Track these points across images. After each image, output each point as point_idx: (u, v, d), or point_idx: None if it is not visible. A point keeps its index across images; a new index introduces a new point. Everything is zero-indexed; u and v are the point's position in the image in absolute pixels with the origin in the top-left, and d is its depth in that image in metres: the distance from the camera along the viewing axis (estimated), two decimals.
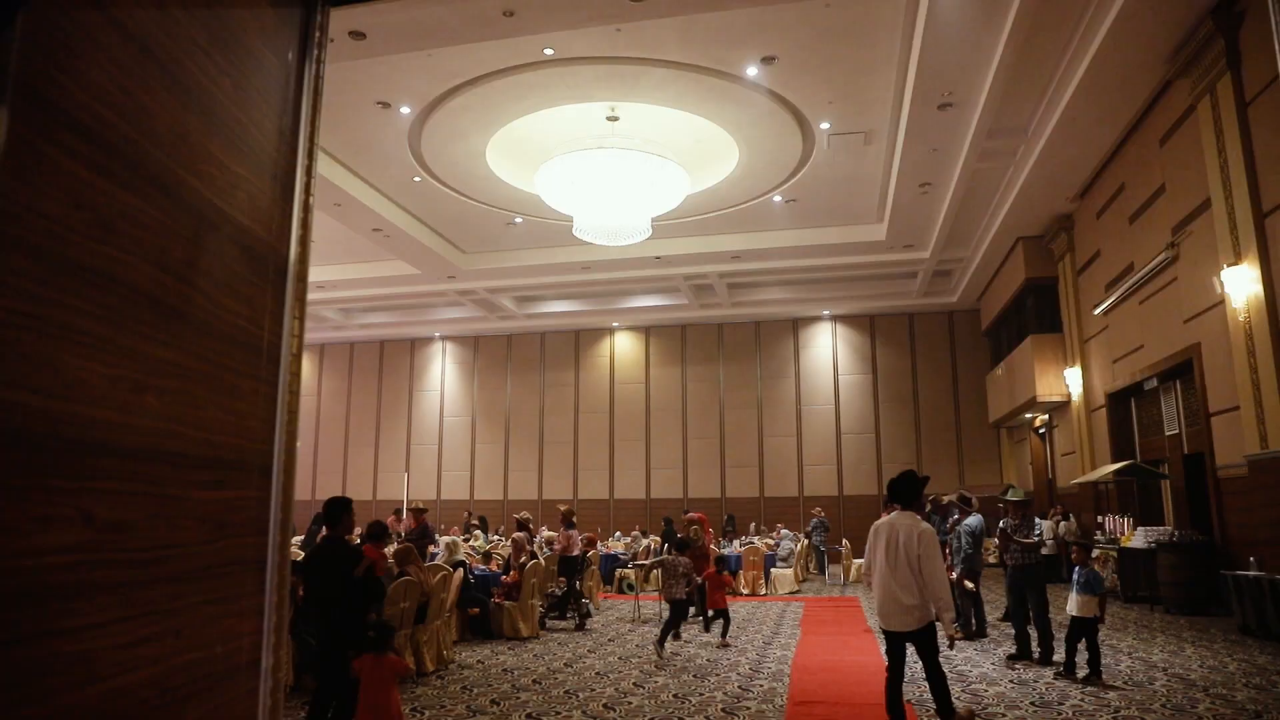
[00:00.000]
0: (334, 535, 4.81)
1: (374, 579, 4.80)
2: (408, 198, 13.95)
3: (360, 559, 4.75)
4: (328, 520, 4.81)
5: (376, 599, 5.01)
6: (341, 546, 4.80)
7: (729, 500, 19.99)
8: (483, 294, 18.52)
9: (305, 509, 21.49)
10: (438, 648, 6.98)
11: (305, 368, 23.16)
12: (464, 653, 7.97)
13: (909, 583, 4.78)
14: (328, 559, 4.70)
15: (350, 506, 4.93)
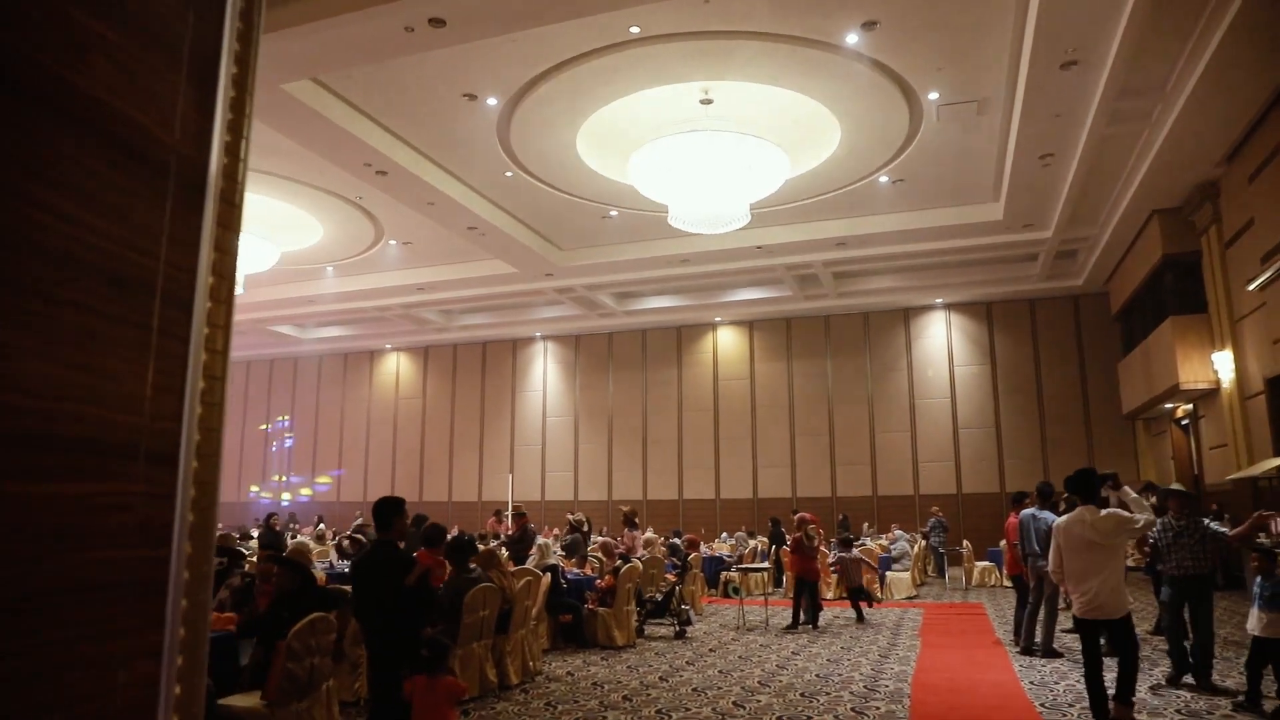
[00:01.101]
0: (385, 540, 4.43)
1: (428, 589, 4.40)
2: (501, 194, 13.74)
3: (412, 566, 4.37)
4: (377, 523, 4.44)
5: (430, 612, 4.62)
6: (392, 552, 4.41)
7: (840, 500, 19.15)
8: (581, 291, 18.25)
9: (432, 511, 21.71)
10: (523, 659, 6.60)
11: (409, 370, 23.47)
12: (554, 663, 7.59)
13: (1108, 568, 5.19)
14: (376, 566, 4.32)
15: (402, 508, 4.54)
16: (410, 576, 4.32)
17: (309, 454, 24.48)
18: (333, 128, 10.72)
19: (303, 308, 19.78)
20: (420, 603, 4.38)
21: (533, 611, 7.03)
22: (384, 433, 23.70)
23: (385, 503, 4.53)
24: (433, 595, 4.59)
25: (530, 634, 6.86)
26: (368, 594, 4.36)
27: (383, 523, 4.43)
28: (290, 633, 3.94)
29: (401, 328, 21.76)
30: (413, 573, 4.33)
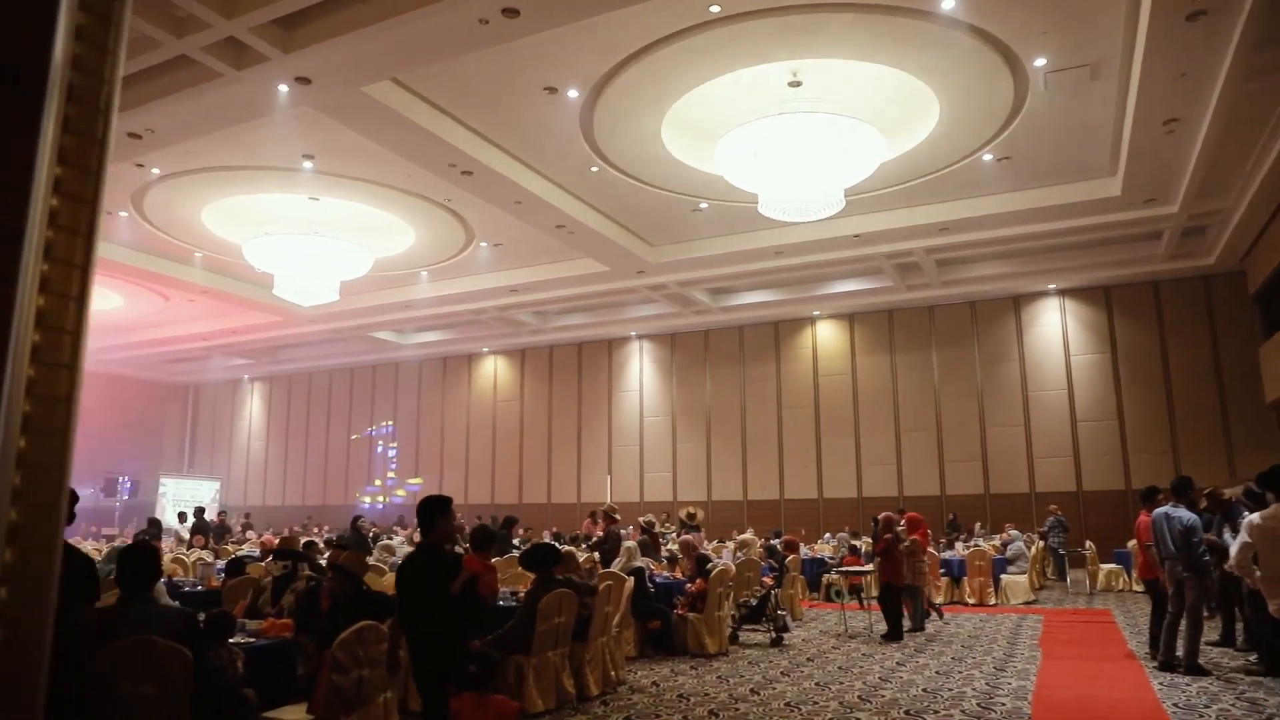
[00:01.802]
0: (429, 542, 4.15)
1: (475, 597, 4.11)
2: (587, 189, 13.53)
3: (458, 570, 4.08)
4: (421, 524, 4.16)
5: (478, 622, 4.31)
6: (435, 557, 4.13)
7: (949, 498, 18.25)
8: (674, 288, 17.90)
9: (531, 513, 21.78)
10: (603, 668, 6.28)
11: (507, 372, 23.58)
12: (640, 672, 7.25)
13: None
14: (418, 571, 4.05)
15: (448, 508, 4.22)
16: (455, 583, 4.00)
17: (412, 457, 24.88)
18: (415, 128, 10.67)
19: (400, 313, 20.05)
20: (465, 612, 4.09)
21: (615, 618, 6.72)
22: (483, 435, 23.88)
23: (427, 502, 4.24)
24: (479, 604, 4.29)
25: (612, 641, 6.54)
26: (409, 602, 4.07)
27: (425, 523, 4.15)
28: (335, 643, 3.73)
29: (498, 330, 21.86)
30: (457, 579, 4.03)
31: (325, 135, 11.43)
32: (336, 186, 13.41)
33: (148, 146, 11.33)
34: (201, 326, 22.11)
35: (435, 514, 4.21)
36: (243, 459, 28.03)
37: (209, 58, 9.05)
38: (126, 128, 10.66)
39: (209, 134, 11.04)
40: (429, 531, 4.20)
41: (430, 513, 4.22)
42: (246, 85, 9.51)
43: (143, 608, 3.41)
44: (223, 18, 8.34)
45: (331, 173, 12.87)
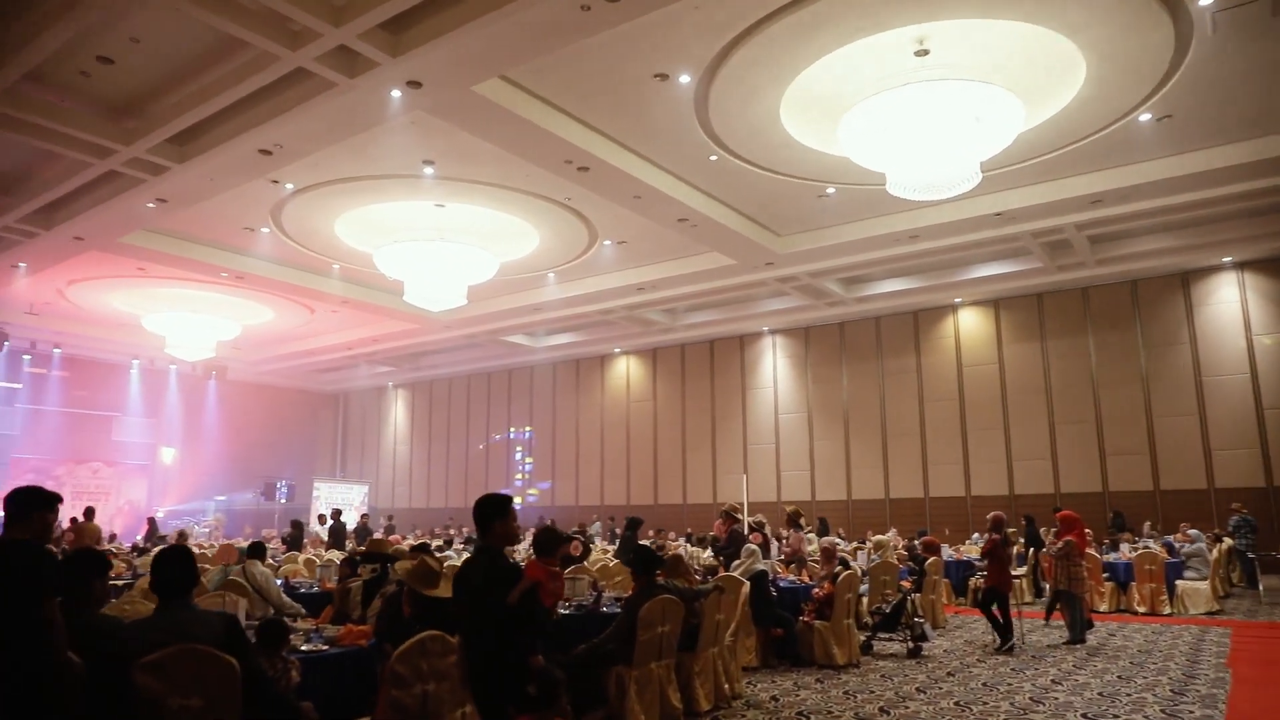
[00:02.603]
0: (485, 547, 3.78)
1: (536, 608, 3.74)
2: (708, 180, 13.11)
3: (516, 578, 3.67)
4: (478, 526, 3.81)
5: (540, 636, 3.93)
6: (492, 563, 3.75)
7: (1113, 495, 16.79)
8: (805, 280, 17.23)
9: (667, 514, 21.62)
10: (714, 680, 5.85)
11: (639, 372, 23.42)
12: (759, 684, 6.77)
13: None
14: (473, 580, 3.67)
15: (506, 508, 3.82)
16: (513, 593, 3.61)
17: (548, 459, 25.10)
18: (528, 125, 10.55)
19: (530, 316, 20.18)
20: (524, 625, 3.69)
21: (729, 625, 6.28)
22: (617, 436, 23.82)
23: (484, 503, 3.85)
24: (542, 616, 3.92)
25: (726, 651, 6.11)
26: (465, 613, 3.69)
27: (482, 526, 3.79)
28: (394, 655, 3.49)
29: (628, 330, 21.72)
30: (516, 588, 3.63)
31: (442, 140, 11.49)
32: (459, 191, 13.52)
33: (278, 162, 11.67)
34: (345, 336, 22.98)
35: (493, 515, 3.82)
36: (389, 463, 29.06)
37: (323, 68, 9.17)
38: (256, 144, 11.01)
39: (333, 145, 11.26)
40: (485, 534, 3.82)
41: (487, 514, 3.83)
42: (361, 93, 9.61)
43: (181, 614, 3.27)
44: (332, 26, 8.42)
45: (452, 177, 12.97)
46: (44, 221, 14.28)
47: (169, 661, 3.03)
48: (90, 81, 10.50)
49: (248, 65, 9.54)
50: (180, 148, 11.50)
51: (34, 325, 21.50)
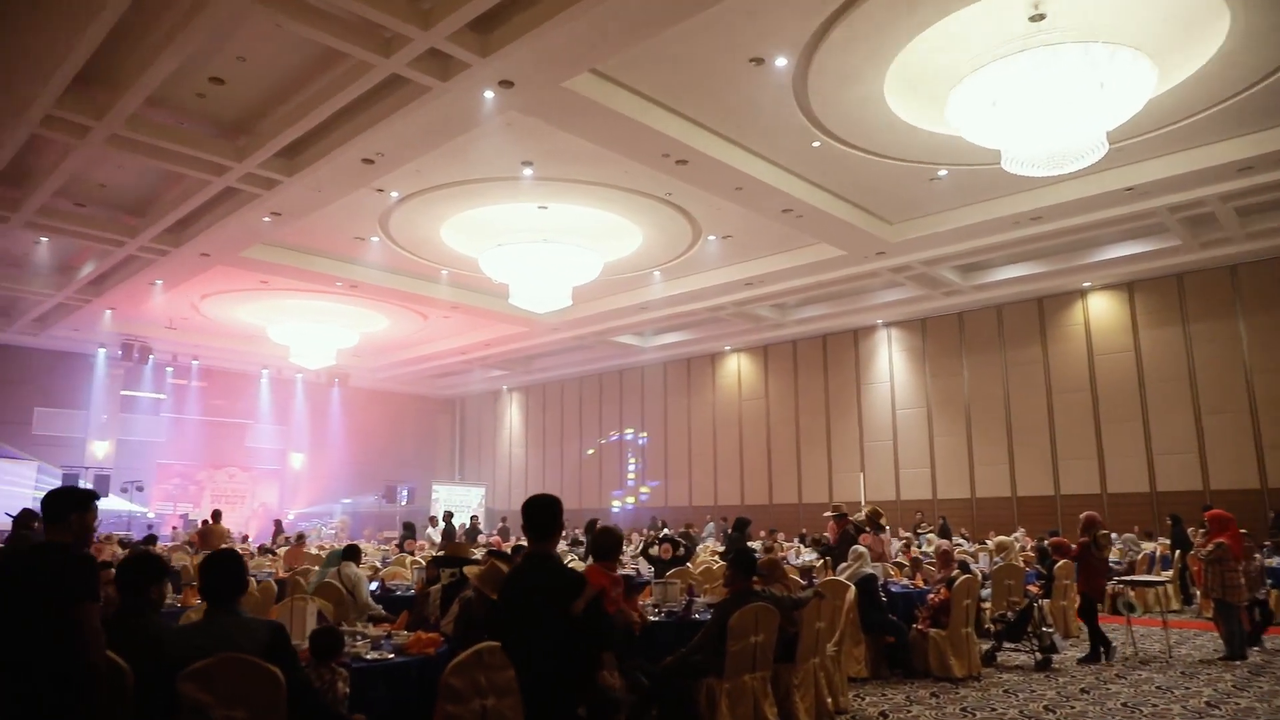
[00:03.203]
0: (540, 553, 3.48)
1: (602, 618, 3.45)
2: (811, 167, 12.64)
3: (580, 587, 3.34)
4: (537, 531, 3.53)
5: (607, 648, 3.62)
6: (554, 570, 3.42)
7: (1273, 492, 15.37)
8: (920, 268, 16.48)
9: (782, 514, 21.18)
10: (817, 693, 5.46)
11: (750, 369, 22.98)
12: (869, 697, 6.33)
13: None
14: (530, 589, 3.35)
15: (551, 509, 3.48)
16: (578, 601, 3.29)
17: (660, 460, 24.94)
18: (622, 120, 10.36)
19: (637, 316, 20.05)
20: (592, 637, 3.37)
21: (833, 635, 5.88)
22: (730, 435, 23.45)
23: (543, 507, 3.50)
24: (608, 627, 3.56)
25: (829, 662, 5.72)
26: (515, 627, 3.37)
27: (540, 531, 3.44)
28: (447, 668, 3.28)
29: (738, 327, 21.34)
30: (581, 596, 3.30)
31: (539, 140, 11.44)
32: (559, 191, 13.48)
33: (380, 170, 11.86)
34: (458, 341, 23.41)
35: (548, 518, 3.49)
36: (505, 465, 29.50)
37: (416, 72, 9.22)
38: (359, 154, 11.22)
39: (432, 151, 11.36)
40: (542, 538, 3.47)
41: (545, 519, 3.50)
42: (455, 95, 9.62)
43: (225, 621, 3.17)
44: (421, 29, 8.43)
45: (551, 178, 12.92)
46: (173, 240, 15.00)
47: (214, 670, 2.94)
48: (205, 102, 10.91)
49: (345, 75, 9.69)
50: (289, 161, 11.83)
51: (174, 339, 22.77)
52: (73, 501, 3.47)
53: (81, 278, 17.39)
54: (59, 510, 3.43)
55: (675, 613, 6.16)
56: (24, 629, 3.05)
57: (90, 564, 3.23)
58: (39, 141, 11.45)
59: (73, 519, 3.41)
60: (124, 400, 24.25)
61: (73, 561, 3.17)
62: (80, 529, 3.43)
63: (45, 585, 3.09)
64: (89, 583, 3.14)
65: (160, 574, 3.70)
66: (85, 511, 3.46)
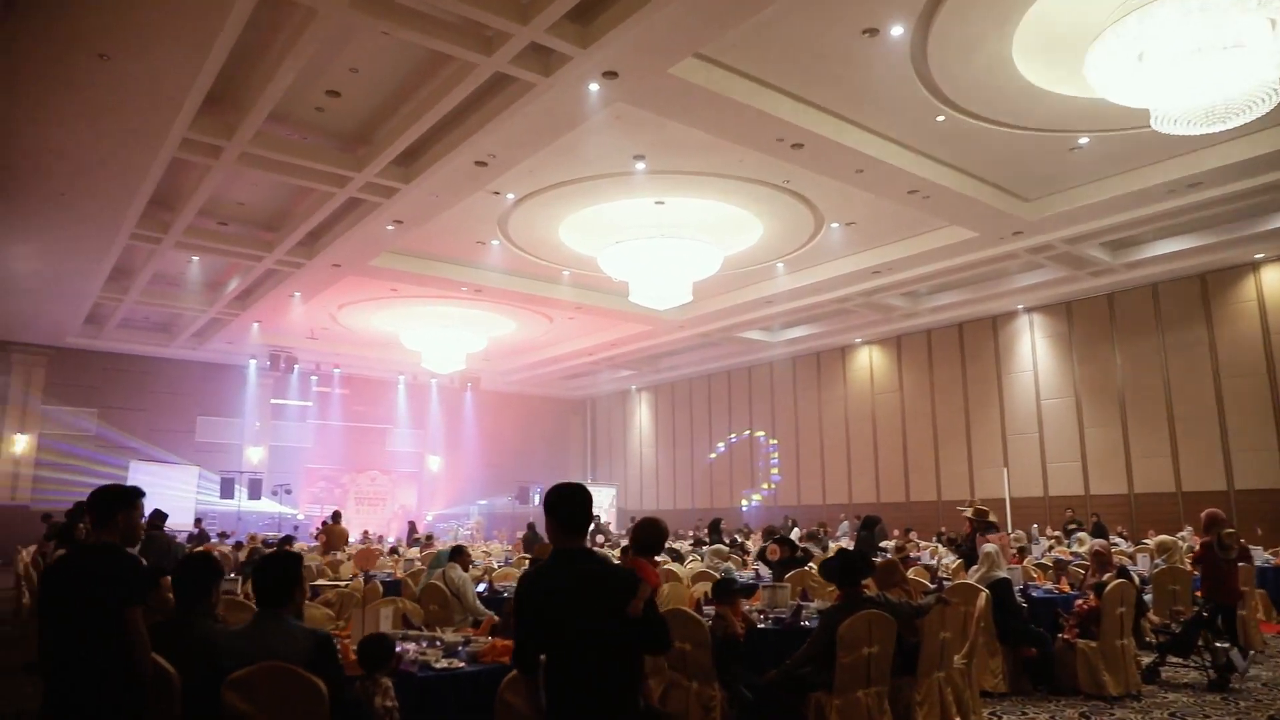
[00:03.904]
0: (570, 547, 2.95)
1: (662, 620, 3.06)
2: (937, 144, 11.90)
3: (634, 585, 2.83)
4: (552, 525, 3.03)
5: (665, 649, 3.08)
6: (604, 568, 2.95)
7: None
8: (1062, 247, 15.33)
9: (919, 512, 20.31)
10: (943, 710, 4.93)
11: (883, 362, 22.10)
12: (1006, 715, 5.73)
13: None
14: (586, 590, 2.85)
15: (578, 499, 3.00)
16: (635, 601, 2.81)
17: (792, 457, 24.33)
18: (731, 104, 9.98)
19: (762, 310, 19.57)
20: (648, 642, 2.92)
21: (963, 645, 5.33)
22: (863, 431, 22.62)
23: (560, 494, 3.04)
24: (664, 630, 3.04)
25: (959, 676, 5.18)
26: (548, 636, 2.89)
27: (565, 524, 2.98)
28: (504, 682, 3.01)
29: (868, 318, 20.54)
30: (638, 595, 2.81)
31: (649, 132, 11.21)
32: (675, 185, 13.22)
33: (494, 173, 11.91)
34: (584, 342, 23.50)
35: (578, 509, 3.02)
36: (636, 465, 29.49)
37: (519, 69, 9.14)
38: (472, 156, 11.27)
39: (542, 149, 11.29)
40: (571, 534, 2.99)
41: (571, 507, 3.01)
42: (559, 90, 9.49)
43: (270, 627, 3.02)
44: (520, 25, 8.32)
45: (664, 170, 12.68)
46: (306, 253, 15.59)
47: (255, 680, 2.80)
48: (324, 116, 11.22)
49: (451, 78, 9.71)
50: (405, 168, 12.03)
51: (316, 349, 23.83)
52: (119, 500, 3.42)
53: (228, 293, 18.34)
54: (105, 510, 3.38)
55: (783, 619, 5.74)
56: (73, 632, 3.01)
57: (137, 566, 3.17)
58: (180, 164, 12.05)
59: (119, 518, 3.36)
60: (274, 408, 25.57)
61: (119, 564, 3.12)
62: (126, 528, 3.38)
63: (92, 589, 3.05)
64: (135, 586, 3.08)
65: (216, 577, 3.63)
66: (131, 510, 3.40)
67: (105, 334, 21.35)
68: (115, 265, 15.92)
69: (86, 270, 15.68)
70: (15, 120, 10.17)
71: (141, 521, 3.54)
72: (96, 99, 9.52)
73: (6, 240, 14.10)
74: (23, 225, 13.35)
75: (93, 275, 15.98)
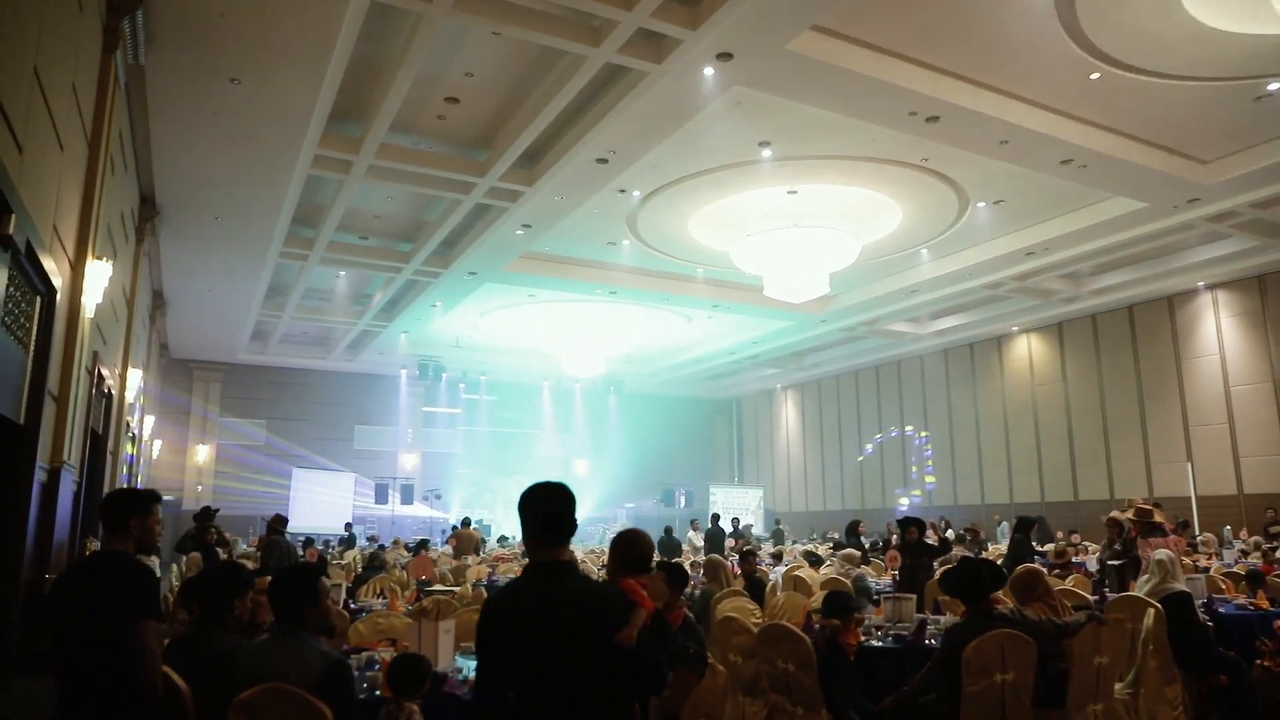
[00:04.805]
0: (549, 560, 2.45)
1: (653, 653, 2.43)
2: (1091, 105, 10.80)
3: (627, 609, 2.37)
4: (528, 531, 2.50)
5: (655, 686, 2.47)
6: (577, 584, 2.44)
7: None
8: (1250, 213, 13.68)
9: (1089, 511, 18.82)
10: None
11: (1043, 351, 20.55)
12: None
13: None
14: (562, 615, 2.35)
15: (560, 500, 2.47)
16: (628, 629, 2.33)
17: (946, 454, 23.02)
18: (856, 79, 9.35)
19: (907, 300, 18.54)
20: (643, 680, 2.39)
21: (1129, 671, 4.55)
22: (1024, 425, 21.09)
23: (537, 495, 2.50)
24: (661, 669, 2.47)
25: (1124, 708, 4.39)
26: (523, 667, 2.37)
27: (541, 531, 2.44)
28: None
29: (1024, 304, 19.13)
30: (631, 622, 2.33)
31: (772, 116, 10.73)
32: (804, 171, 12.64)
33: (616, 169, 11.69)
34: (725, 341, 23.04)
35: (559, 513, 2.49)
36: (784, 466, 28.74)
37: (629, 58, 8.86)
38: (592, 154, 11.10)
39: (662, 141, 10.95)
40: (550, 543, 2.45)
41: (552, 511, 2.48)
42: (673, 77, 9.15)
43: (284, 645, 2.77)
44: (625, 10, 8.05)
45: (791, 156, 12.12)
46: (442, 262, 15.91)
47: (259, 702, 2.57)
48: (446, 123, 11.32)
49: (563, 73, 9.55)
50: (527, 171, 12.00)
51: (462, 357, 24.46)
52: (132, 506, 3.25)
53: (375, 305, 18.99)
54: (118, 516, 3.21)
55: (904, 636, 5.06)
56: (81, 644, 2.87)
57: (147, 578, 3.02)
58: (316, 181, 12.47)
59: (132, 524, 3.20)
60: (425, 416, 26.41)
61: (129, 575, 2.96)
62: (141, 535, 3.21)
63: (100, 601, 2.90)
64: (144, 599, 2.92)
65: (241, 587, 3.43)
66: (146, 516, 3.23)
67: (270, 349, 22.61)
68: (270, 284, 16.74)
69: (246, 289, 16.54)
70: (170, 149, 10.73)
71: (157, 528, 3.39)
72: (234, 124, 9.89)
73: (181, 265, 15.02)
74: (190, 250, 14.18)
75: (252, 293, 16.85)
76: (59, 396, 6.72)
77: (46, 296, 6.18)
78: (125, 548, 3.19)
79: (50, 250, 5.97)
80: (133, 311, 12.05)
